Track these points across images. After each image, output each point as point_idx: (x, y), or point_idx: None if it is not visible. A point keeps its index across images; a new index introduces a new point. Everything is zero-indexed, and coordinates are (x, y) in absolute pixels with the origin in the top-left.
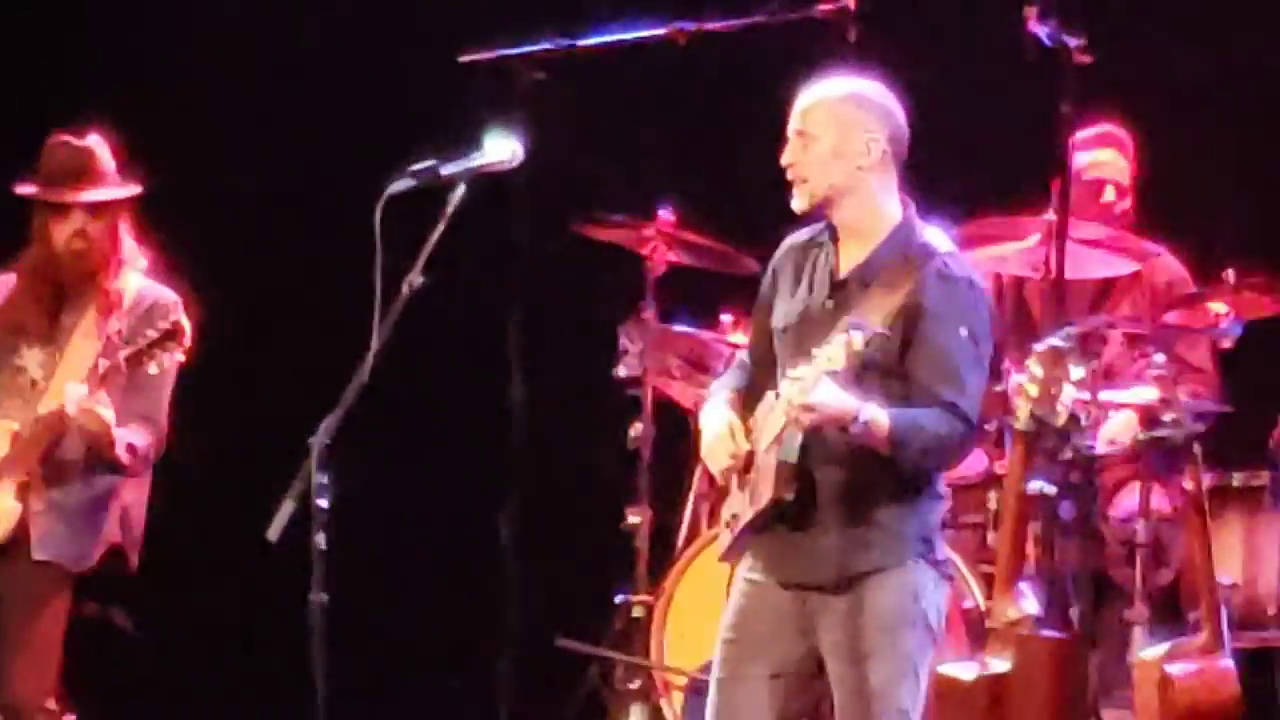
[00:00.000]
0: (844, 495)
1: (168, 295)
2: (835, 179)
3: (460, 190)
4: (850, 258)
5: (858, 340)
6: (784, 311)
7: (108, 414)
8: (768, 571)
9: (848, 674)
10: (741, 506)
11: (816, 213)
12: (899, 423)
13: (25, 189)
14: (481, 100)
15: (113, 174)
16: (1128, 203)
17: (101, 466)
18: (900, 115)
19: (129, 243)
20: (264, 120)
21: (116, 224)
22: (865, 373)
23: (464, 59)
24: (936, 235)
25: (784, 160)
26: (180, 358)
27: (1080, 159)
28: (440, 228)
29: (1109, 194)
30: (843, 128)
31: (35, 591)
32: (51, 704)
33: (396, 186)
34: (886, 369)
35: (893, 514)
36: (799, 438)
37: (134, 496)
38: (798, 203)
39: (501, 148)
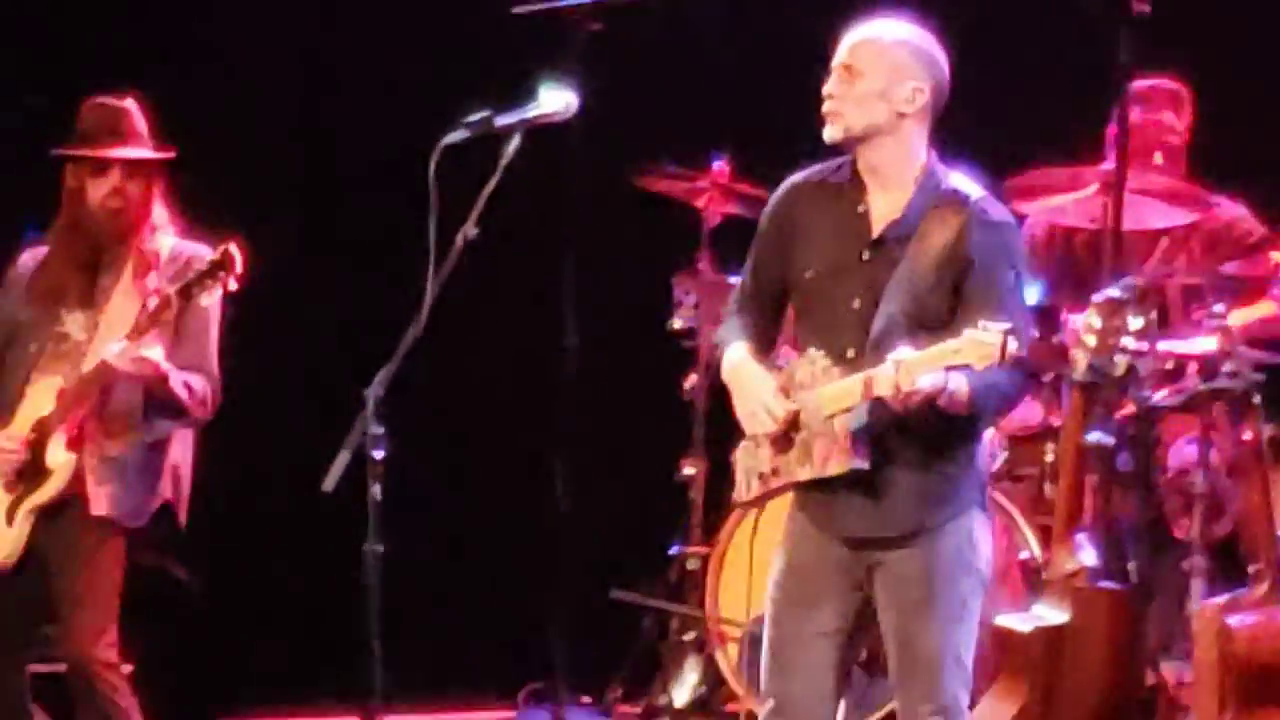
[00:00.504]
0: (909, 454)
1: (203, 250)
2: (877, 119)
3: (515, 141)
4: (881, 207)
5: (1013, 344)
6: (812, 258)
7: (154, 353)
8: (823, 526)
9: (906, 624)
10: (785, 466)
11: (848, 149)
12: (977, 387)
13: (65, 149)
14: (536, 51)
15: (147, 136)
16: (1182, 160)
17: (161, 412)
18: (945, 68)
19: (161, 209)
20: (323, 72)
21: (151, 186)
22: (919, 331)
23: (518, 10)
24: (965, 181)
25: (826, 90)
26: (234, 285)
27: (1137, 115)
28: (495, 179)
29: (1157, 158)
30: (892, 70)
31: (94, 546)
32: (111, 655)
33: (451, 138)
34: (938, 322)
35: (956, 466)
36: (866, 411)
37: (181, 455)
38: (831, 133)
39: (556, 99)
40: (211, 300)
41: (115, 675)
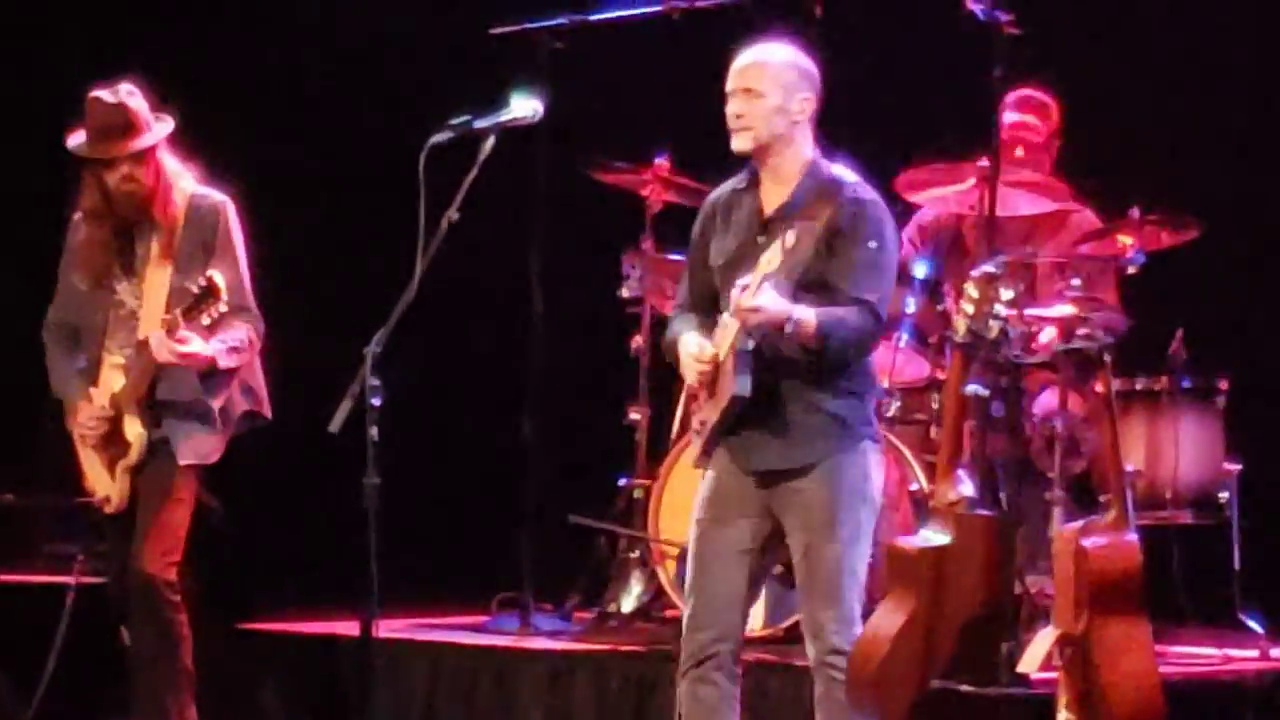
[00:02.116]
0: (797, 392)
1: (217, 198)
2: (778, 129)
3: (491, 141)
4: (773, 198)
5: (790, 238)
6: (719, 251)
7: (193, 346)
8: (736, 463)
9: (811, 544)
10: (710, 412)
11: (755, 155)
12: (824, 319)
13: (75, 146)
14: (508, 65)
15: (146, 119)
16: (1040, 156)
17: (218, 374)
18: (819, 80)
19: (171, 165)
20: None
21: (156, 158)
22: (801, 293)
23: (495, 30)
24: (843, 170)
25: (733, 110)
26: (223, 308)
27: (1007, 118)
28: (474, 172)
29: (1019, 152)
30: (786, 88)
31: (177, 485)
32: (172, 575)
33: (438, 138)
34: (818, 286)
35: (843, 405)
36: (750, 342)
37: (246, 368)
38: (741, 144)
39: (525, 105)
40: (210, 321)
41: (174, 593)
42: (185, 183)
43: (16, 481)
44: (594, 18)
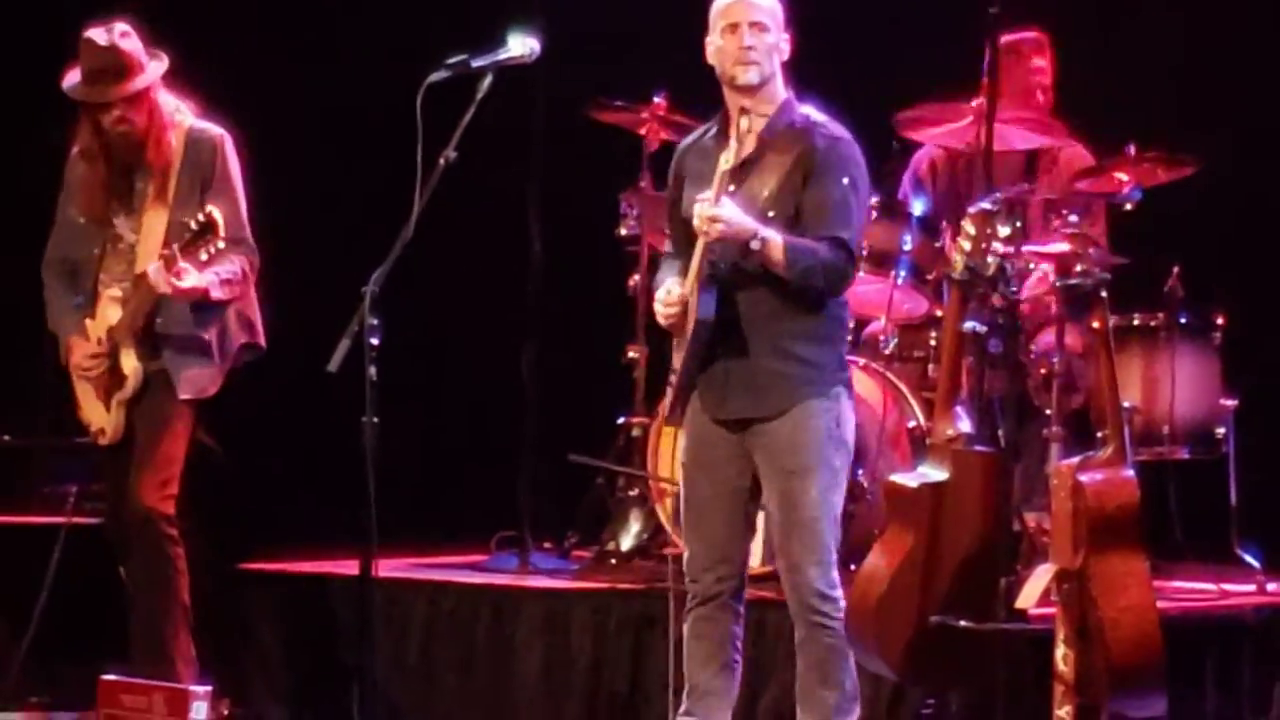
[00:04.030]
0: (768, 336)
1: (214, 132)
2: (775, 66)
3: (488, 80)
4: (746, 139)
5: (744, 122)
6: (690, 200)
7: (190, 280)
8: (709, 412)
9: (787, 489)
10: (679, 356)
11: (753, 91)
12: (792, 244)
13: (69, 88)
14: (505, 4)
15: (140, 60)
16: (1050, 96)
17: (208, 309)
18: None
19: (168, 103)
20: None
21: (150, 98)
22: (770, 222)
23: None
24: (813, 110)
25: (747, 43)
26: (221, 244)
27: (1012, 65)
28: (471, 111)
29: (1039, 98)
30: (778, 25)
31: (173, 418)
32: (169, 508)
33: (435, 76)
34: (788, 219)
35: (814, 351)
36: (713, 275)
37: (242, 299)
38: (750, 77)
39: (522, 44)
40: (208, 256)
41: (171, 527)
42: (182, 117)
43: (14, 422)
44: None
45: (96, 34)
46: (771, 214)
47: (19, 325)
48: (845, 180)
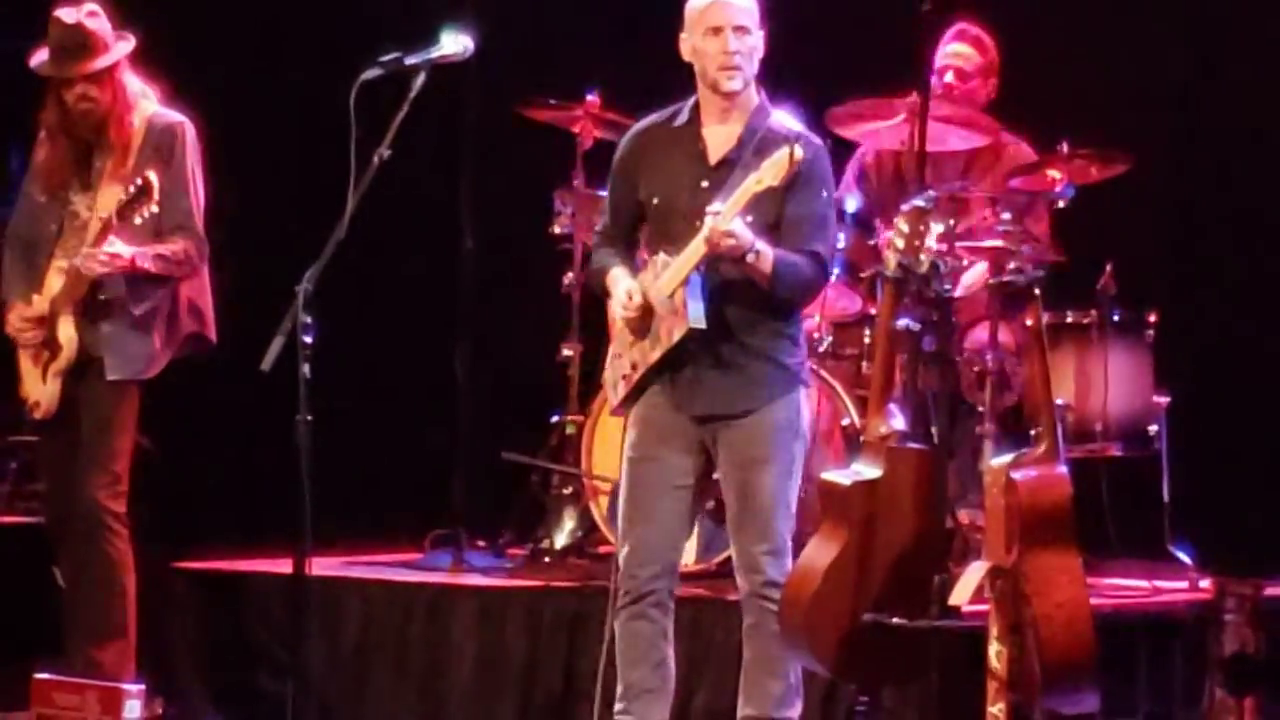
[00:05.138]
0: (740, 335)
1: (174, 117)
2: (755, 67)
3: (421, 78)
4: (718, 140)
5: (799, 150)
6: (655, 189)
7: (116, 249)
8: (674, 406)
9: (746, 480)
10: (641, 354)
11: (734, 95)
12: (780, 259)
13: (36, 64)
14: (439, 1)
15: (105, 39)
16: (974, 85)
17: (143, 284)
18: None
19: (133, 85)
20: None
21: (115, 78)
22: (749, 228)
23: None
24: (786, 117)
25: (732, 48)
26: (155, 209)
27: (942, 48)
28: (404, 109)
29: (949, 77)
30: (756, 25)
31: (110, 404)
32: (119, 505)
33: (368, 74)
34: (768, 228)
35: (783, 351)
36: (702, 281)
37: (195, 289)
38: (737, 84)
39: (455, 42)
40: (143, 218)
41: (120, 524)
42: (146, 103)
43: None
44: None
45: (64, 12)
46: (750, 219)
47: None
48: (824, 194)
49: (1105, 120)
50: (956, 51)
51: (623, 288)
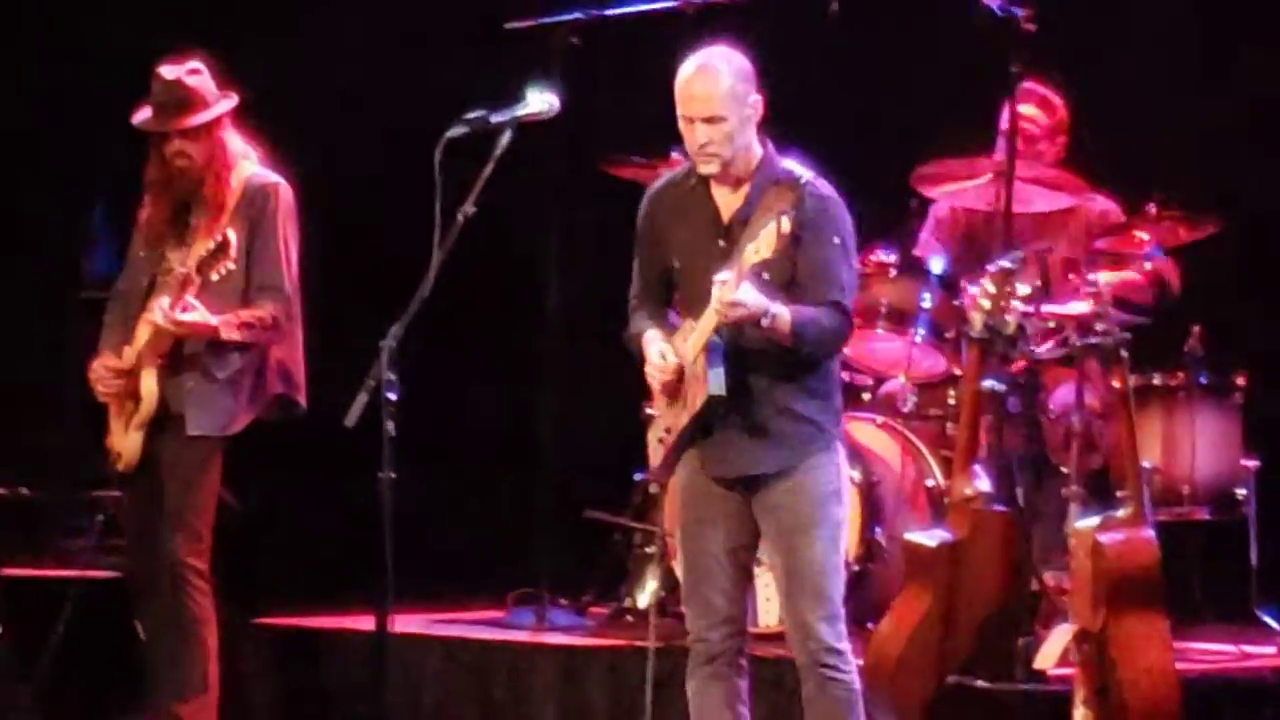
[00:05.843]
0: (769, 394)
1: (270, 178)
2: (740, 144)
3: (507, 135)
4: (728, 198)
5: (785, 223)
6: (675, 254)
7: (192, 316)
8: (708, 471)
9: (790, 545)
10: (674, 418)
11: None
12: (797, 317)
13: (138, 120)
14: (525, 61)
15: (206, 96)
16: (1041, 147)
17: (226, 350)
18: (754, 72)
19: (234, 144)
20: (349, 87)
21: (214, 136)
22: (766, 287)
23: (510, 26)
24: (796, 165)
25: (700, 141)
26: (232, 265)
27: (1018, 109)
28: (490, 166)
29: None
30: (740, 103)
31: (190, 461)
32: (202, 563)
33: (453, 132)
34: (782, 282)
35: (814, 407)
36: (722, 347)
37: (285, 351)
38: (710, 169)
39: (541, 100)
40: (220, 277)
41: (202, 580)
42: (246, 163)
43: (32, 475)
44: (609, 12)
45: (166, 69)
46: (766, 276)
47: (36, 378)
48: (836, 240)
49: (1191, 178)
50: (1023, 113)
51: (656, 349)
